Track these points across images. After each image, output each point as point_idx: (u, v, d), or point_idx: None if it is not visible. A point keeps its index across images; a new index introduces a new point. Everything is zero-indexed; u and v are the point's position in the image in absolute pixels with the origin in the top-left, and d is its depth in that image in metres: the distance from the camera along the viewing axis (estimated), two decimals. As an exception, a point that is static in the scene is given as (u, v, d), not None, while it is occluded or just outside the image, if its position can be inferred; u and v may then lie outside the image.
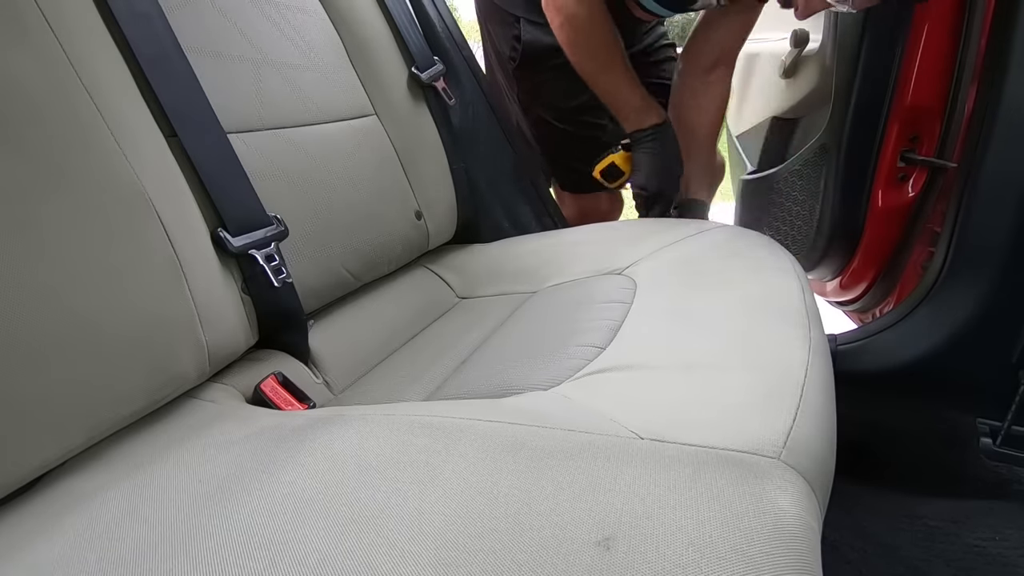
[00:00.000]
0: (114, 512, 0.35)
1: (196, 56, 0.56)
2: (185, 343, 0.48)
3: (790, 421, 0.40)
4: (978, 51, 0.78)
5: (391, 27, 0.85)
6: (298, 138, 0.66)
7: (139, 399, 0.45)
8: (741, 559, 0.27)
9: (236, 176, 0.56)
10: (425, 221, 0.83)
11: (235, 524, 0.32)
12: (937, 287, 0.79)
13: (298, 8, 0.73)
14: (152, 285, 0.46)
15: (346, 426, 0.39)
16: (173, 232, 0.48)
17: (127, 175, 0.45)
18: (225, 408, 0.49)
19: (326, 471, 0.35)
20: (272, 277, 0.57)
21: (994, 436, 0.76)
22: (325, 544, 0.29)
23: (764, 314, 0.54)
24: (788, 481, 0.33)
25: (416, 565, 0.28)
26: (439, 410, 0.43)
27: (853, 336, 0.89)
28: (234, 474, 0.36)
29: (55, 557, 0.32)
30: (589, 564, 0.27)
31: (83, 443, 0.42)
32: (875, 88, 0.87)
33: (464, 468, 0.34)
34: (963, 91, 0.82)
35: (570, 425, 0.41)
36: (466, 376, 0.61)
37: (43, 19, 0.43)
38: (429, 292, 0.84)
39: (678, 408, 0.42)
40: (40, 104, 0.41)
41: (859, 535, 0.70)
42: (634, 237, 0.80)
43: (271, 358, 0.60)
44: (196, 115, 0.54)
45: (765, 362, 0.47)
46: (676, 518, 0.29)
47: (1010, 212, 0.69)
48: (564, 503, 0.31)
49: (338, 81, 0.75)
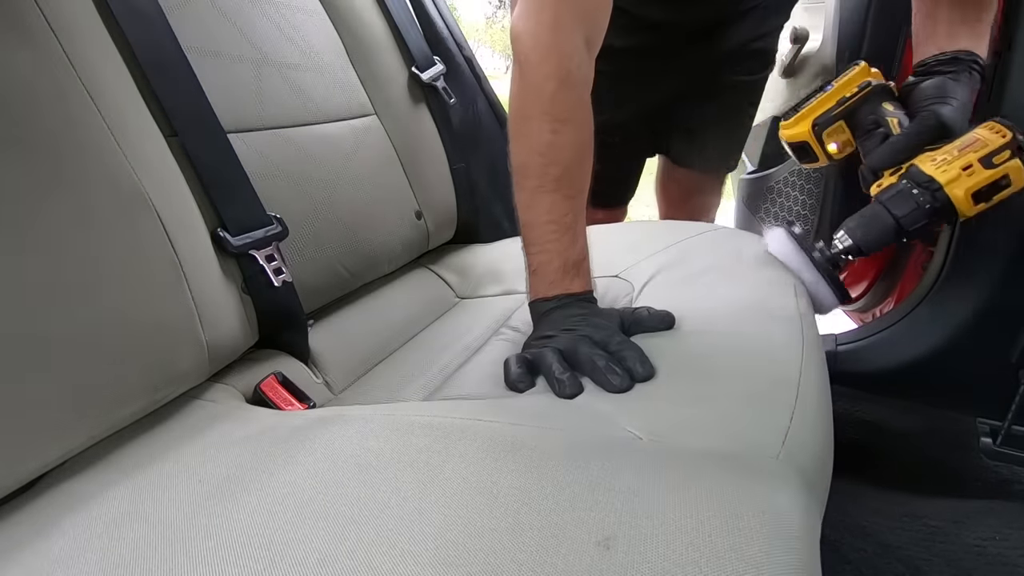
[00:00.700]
0: (114, 512, 0.35)
1: (196, 56, 0.56)
2: (185, 343, 0.48)
3: (787, 421, 0.40)
4: (978, 51, 0.78)
5: (391, 27, 0.85)
6: (298, 138, 0.66)
7: (139, 399, 0.45)
8: (740, 559, 0.27)
9: (236, 176, 0.56)
10: (425, 221, 0.83)
11: (235, 524, 0.32)
12: (937, 287, 0.79)
13: (298, 8, 0.73)
14: (152, 285, 0.46)
15: (346, 426, 0.39)
16: (173, 232, 0.48)
17: (127, 175, 0.45)
18: (225, 408, 0.49)
19: (326, 471, 0.35)
20: (272, 277, 0.57)
21: (994, 436, 0.77)
22: (325, 544, 0.29)
23: (758, 315, 0.55)
24: (787, 480, 0.33)
25: (416, 564, 0.28)
26: (439, 410, 0.43)
27: (853, 336, 0.89)
28: (234, 474, 0.36)
29: (55, 557, 0.32)
30: (589, 564, 0.27)
31: (83, 443, 0.42)
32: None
33: (464, 468, 0.34)
34: (963, 91, 0.81)
35: (570, 425, 0.41)
36: (466, 376, 0.61)
37: (43, 19, 0.43)
38: (429, 292, 0.84)
39: (677, 409, 0.42)
40: (40, 104, 0.41)
41: (859, 535, 0.70)
42: (632, 240, 0.80)
43: (271, 358, 0.60)
44: (196, 115, 0.54)
45: (760, 363, 0.47)
46: (676, 518, 0.29)
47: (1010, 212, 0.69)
48: (564, 503, 0.31)
49: (338, 81, 0.75)
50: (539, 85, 0.55)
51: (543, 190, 0.55)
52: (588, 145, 0.58)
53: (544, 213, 0.55)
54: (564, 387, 0.46)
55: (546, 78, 0.54)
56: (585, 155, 0.57)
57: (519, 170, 0.57)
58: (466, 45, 0.97)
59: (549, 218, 0.55)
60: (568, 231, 0.55)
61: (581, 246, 0.57)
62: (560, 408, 0.44)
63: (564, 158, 0.55)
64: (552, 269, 0.55)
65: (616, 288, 0.71)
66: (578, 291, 0.55)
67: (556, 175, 0.55)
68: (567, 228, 0.55)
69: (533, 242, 0.56)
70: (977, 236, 0.73)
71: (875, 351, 0.85)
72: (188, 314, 0.48)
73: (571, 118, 0.55)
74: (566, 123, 0.55)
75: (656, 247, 0.75)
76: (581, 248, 0.57)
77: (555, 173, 0.55)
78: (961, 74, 0.64)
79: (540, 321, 0.55)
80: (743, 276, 0.64)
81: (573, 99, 0.56)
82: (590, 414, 0.42)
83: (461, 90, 0.93)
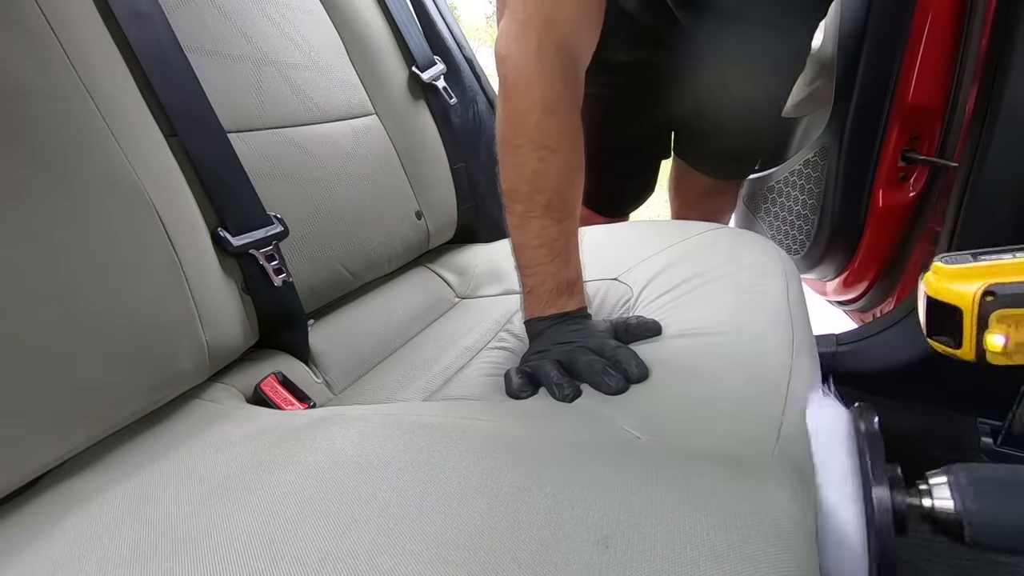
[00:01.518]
0: (114, 512, 0.35)
1: (196, 55, 0.56)
2: (185, 342, 0.48)
3: (779, 418, 0.40)
4: (978, 51, 0.78)
5: (391, 27, 0.85)
6: (298, 137, 0.66)
7: (139, 399, 0.45)
8: (738, 556, 0.27)
9: (236, 175, 0.56)
10: (425, 221, 0.83)
11: (236, 523, 0.32)
12: (937, 287, 0.79)
13: (298, 7, 0.73)
14: (152, 285, 0.46)
15: (346, 426, 0.39)
16: (173, 232, 0.48)
17: (127, 175, 0.45)
18: (225, 408, 0.49)
19: (326, 470, 0.35)
20: (272, 276, 0.57)
21: (994, 436, 0.76)
22: (326, 543, 0.29)
23: (751, 316, 0.55)
24: (783, 478, 0.33)
25: (417, 563, 0.28)
26: (439, 410, 0.43)
27: (853, 336, 0.89)
28: (234, 473, 0.36)
29: (55, 557, 0.32)
30: (588, 562, 0.27)
31: (83, 443, 0.42)
32: (876, 88, 0.87)
33: (464, 467, 0.34)
34: (964, 91, 0.82)
35: (569, 425, 0.41)
36: (467, 377, 0.61)
37: (43, 19, 0.43)
38: (429, 292, 0.84)
39: (675, 408, 0.42)
40: (40, 104, 0.41)
41: (859, 535, 0.70)
42: (631, 241, 0.81)
43: (271, 357, 0.60)
44: (196, 115, 0.54)
45: (753, 363, 0.48)
46: (674, 516, 0.29)
47: (1010, 212, 0.69)
48: (563, 502, 0.31)
49: (338, 80, 0.75)
50: (524, 113, 0.54)
51: (532, 215, 0.55)
52: (576, 170, 0.57)
53: (534, 237, 0.55)
54: (564, 390, 0.46)
55: (531, 107, 0.54)
56: (573, 179, 0.57)
57: (508, 194, 0.57)
58: (466, 45, 0.97)
59: (539, 242, 0.55)
60: (560, 254, 0.55)
61: (574, 266, 0.57)
62: (559, 409, 0.44)
63: (551, 185, 0.55)
64: (545, 290, 0.55)
65: (615, 291, 0.71)
66: (572, 310, 0.55)
67: (544, 202, 0.55)
68: (559, 251, 0.55)
69: (526, 264, 0.56)
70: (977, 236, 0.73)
71: (875, 351, 0.85)
72: (188, 314, 0.48)
73: (557, 146, 0.54)
74: (552, 151, 0.54)
75: (655, 248, 0.75)
76: (574, 268, 0.57)
77: (543, 200, 0.55)
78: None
79: (536, 339, 0.56)
80: (739, 277, 0.65)
81: (559, 126, 0.55)
82: (589, 414, 0.42)
83: (461, 90, 0.93)
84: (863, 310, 1.07)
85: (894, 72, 0.87)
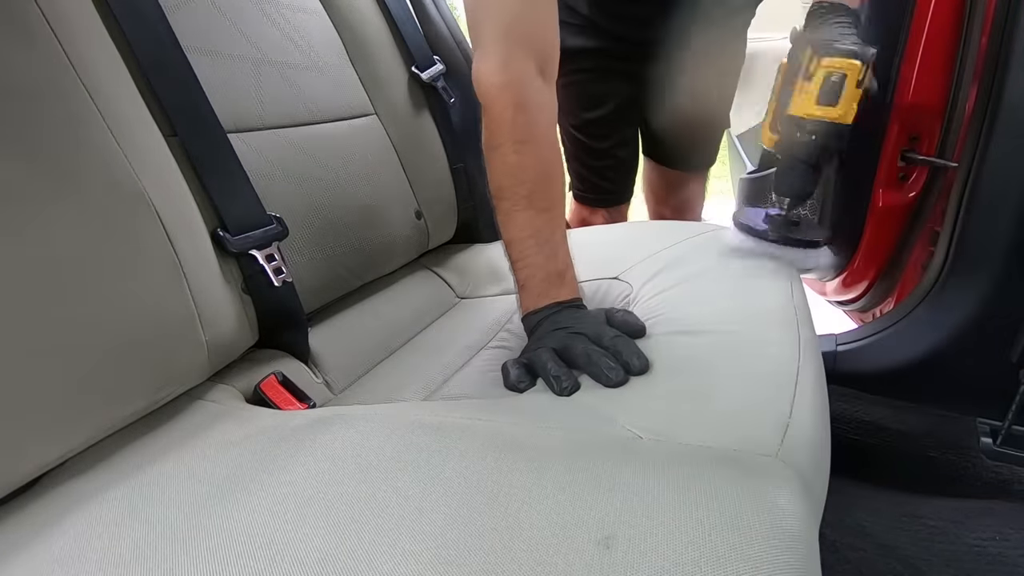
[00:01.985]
0: (114, 512, 0.35)
1: (196, 55, 0.56)
2: (185, 343, 0.48)
3: (785, 420, 0.40)
4: (978, 51, 0.78)
5: (391, 27, 0.85)
6: (298, 138, 0.66)
7: (139, 399, 0.45)
8: (740, 558, 0.27)
9: (236, 176, 0.56)
10: (425, 221, 0.83)
11: (236, 523, 0.32)
12: (937, 287, 0.79)
13: (298, 7, 0.73)
14: (152, 285, 0.46)
15: (346, 426, 0.39)
16: (173, 232, 0.48)
17: (127, 175, 0.45)
18: (225, 408, 0.49)
19: (326, 470, 0.35)
20: (272, 277, 0.57)
21: (994, 436, 0.77)
22: (326, 543, 0.29)
23: (756, 316, 0.55)
24: (786, 479, 0.33)
25: (417, 564, 0.28)
26: (439, 410, 0.43)
27: (853, 336, 0.89)
28: (234, 474, 0.36)
29: (55, 557, 0.32)
30: (589, 562, 0.27)
31: (83, 443, 0.42)
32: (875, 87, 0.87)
33: (464, 467, 0.34)
34: (964, 90, 0.81)
35: (570, 424, 0.41)
36: (466, 376, 0.61)
37: (43, 19, 0.43)
38: (429, 292, 0.84)
39: (677, 408, 0.42)
40: (40, 104, 0.41)
41: (859, 535, 0.70)
42: (631, 241, 0.81)
43: (271, 358, 0.60)
44: (196, 115, 0.54)
45: (757, 363, 0.47)
46: (676, 517, 0.29)
47: (1011, 211, 0.69)
48: (564, 502, 0.31)
49: (338, 81, 0.75)
50: (500, 114, 0.59)
51: (517, 208, 0.59)
52: (553, 161, 0.62)
53: (521, 229, 0.59)
54: (561, 383, 0.47)
55: (504, 107, 0.59)
56: (551, 170, 0.61)
57: (495, 194, 0.61)
58: (466, 44, 0.97)
59: (526, 233, 0.59)
60: (547, 243, 0.59)
61: (563, 257, 0.60)
62: (560, 407, 0.44)
63: (530, 176, 0.59)
64: (537, 281, 0.58)
65: (615, 290, 0.71)
66: (565, 299, 0.57)
67: (526, 193, 0.59)
68: (545, 241, 0.59)
69: (517, 259, 0.59)
70: (977, 235, 0.73)
71: (875, 351, 0.85)
72: (188, 314, 0.48)
73: (530, 138, 0.59)
74: (526, 143, 0.59)
75: (655, 248, 0.75)
76: (563, 258, 0.60)
77: (524, 191, 0.59)
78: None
79: (533, 331, 0.58)
80: (741, 277, 0.65)
81: (531, 121, 0.60)
82: (590, 413, 0.42)
83: (461, 89, 0.93)
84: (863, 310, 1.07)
85: (894, 71, 0.87)
